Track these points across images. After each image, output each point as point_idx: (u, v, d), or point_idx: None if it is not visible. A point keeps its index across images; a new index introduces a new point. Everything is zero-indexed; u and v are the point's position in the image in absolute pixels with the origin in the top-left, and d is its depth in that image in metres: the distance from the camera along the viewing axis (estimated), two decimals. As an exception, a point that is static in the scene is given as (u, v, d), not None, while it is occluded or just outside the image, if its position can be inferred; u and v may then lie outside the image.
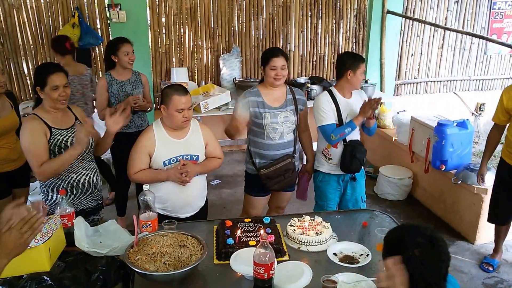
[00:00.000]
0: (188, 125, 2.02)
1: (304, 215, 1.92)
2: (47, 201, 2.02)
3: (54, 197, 2.00)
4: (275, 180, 2.32)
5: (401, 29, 4.66)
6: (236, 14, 4.24)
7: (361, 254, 1.69)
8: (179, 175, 1.94)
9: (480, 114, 5.12)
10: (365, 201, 2.61)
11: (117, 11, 3.81)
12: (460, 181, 2.97)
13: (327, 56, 4.60)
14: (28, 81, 3.96)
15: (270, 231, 1.78)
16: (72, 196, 2.00)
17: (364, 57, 4.67)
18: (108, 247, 1.59)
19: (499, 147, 2.72)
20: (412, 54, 4.83)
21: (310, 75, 4.58)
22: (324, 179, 2.50)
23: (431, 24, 4.41)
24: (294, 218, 1.90)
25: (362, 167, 2.47)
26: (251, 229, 1.81)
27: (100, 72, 4.10)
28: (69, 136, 1.95)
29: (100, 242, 1.65)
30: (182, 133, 2.02)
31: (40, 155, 1.87)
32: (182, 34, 4.17)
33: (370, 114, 2.31)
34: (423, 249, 1.10)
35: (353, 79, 2.35)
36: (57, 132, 1.92)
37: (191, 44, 4.22)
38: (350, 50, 4.64)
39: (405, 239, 1.13)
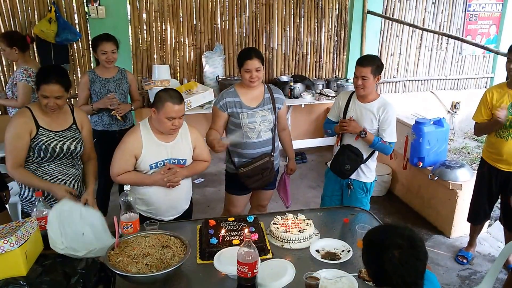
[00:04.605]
0: (176, 133, 1.98)
1: (287, 213, 1.94)
2: (21, 197, 1.99)
3: (29, 196, 1.96)
4: (253, 178, 2.33)
5: (380, 29, 4.76)
6: (218, 12, 4.21)
7: (343, 250, 1.73)
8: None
9: (455, 112, 5.30)
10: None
11: (96, 7, 3.71)
12: (436, 177, 3.08)
13: (309, 54, 4.64)
14: (2, 78, 3.80)
15: (253, 229, 1.79)
16: (49, 197, 1.95)
17: (350, 57, 4.77)
18: (87, 247, 1.54)
19: (480, 150, 2.79)
20: (391, 54, 4.94)
21: (293, 74, 4.61)
22: (328, 174, 2.57)
23: (410, 25, 4.52)
24: (278, 216, 1.92)
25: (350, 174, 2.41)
26: (234, 228, 1.81)
27: (79, 69, 3.98)
28: (55, 140, 1.89)
29: (83, 234, 1.58)
30: (170, 136, 1.99)
31: (17, 155, 1.85)
32: (163, 30, 4.10)
33: (339, 131, 2.40)
34: (402, 250, 1.12)
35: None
36: (43, 133, 1.87)
37: (173, 41, 4.16)
38: (332, 49, 4.71)
39: (385, 240, 1.15)
